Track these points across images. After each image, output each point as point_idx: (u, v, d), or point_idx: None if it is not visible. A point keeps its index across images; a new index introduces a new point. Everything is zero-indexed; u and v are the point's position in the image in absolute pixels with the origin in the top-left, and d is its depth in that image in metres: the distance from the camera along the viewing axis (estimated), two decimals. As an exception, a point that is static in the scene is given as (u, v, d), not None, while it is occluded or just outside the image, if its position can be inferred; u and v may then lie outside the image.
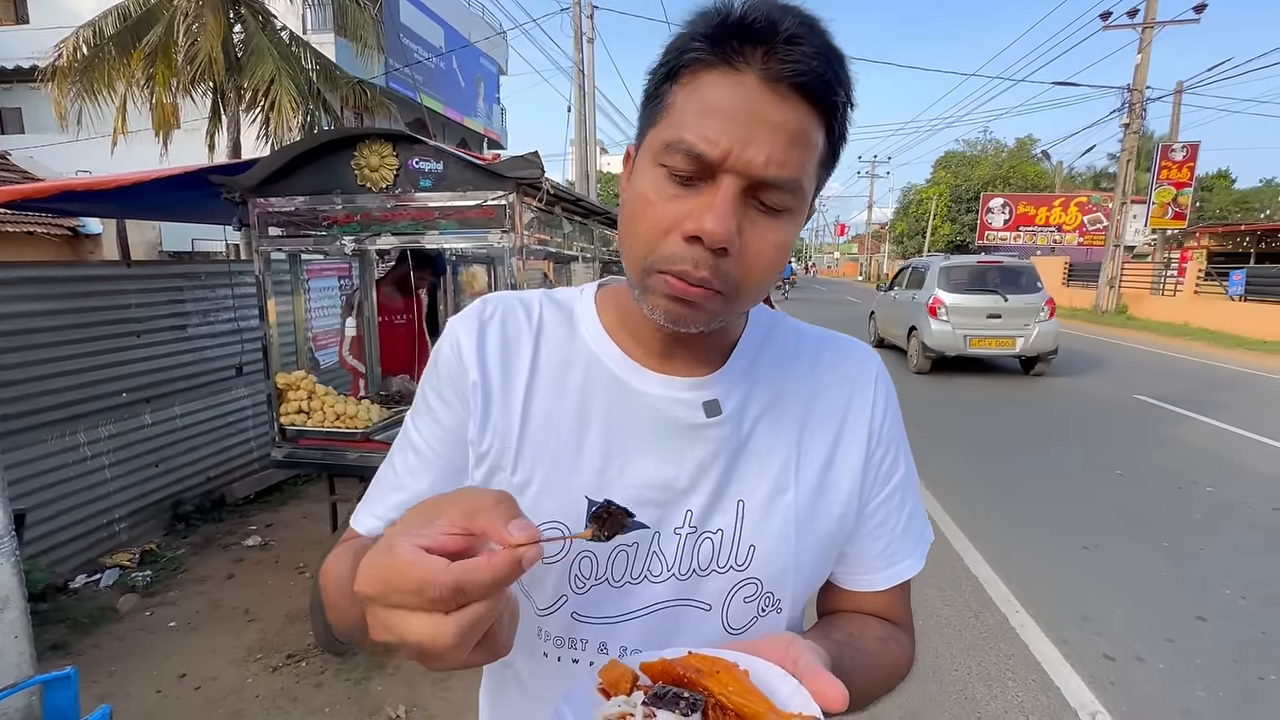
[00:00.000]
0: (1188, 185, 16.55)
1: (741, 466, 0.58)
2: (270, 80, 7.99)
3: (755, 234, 0.48)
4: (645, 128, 0.52)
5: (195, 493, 3.94)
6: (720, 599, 0.58)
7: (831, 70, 0.46)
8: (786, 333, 0.64)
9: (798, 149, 0.47)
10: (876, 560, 0.63)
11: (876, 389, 0.62)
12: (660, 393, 0.57)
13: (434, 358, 0.62)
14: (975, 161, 33.71)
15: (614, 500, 0.51)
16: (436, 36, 16.10)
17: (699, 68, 0.47)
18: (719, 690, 0.42)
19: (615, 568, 0.57)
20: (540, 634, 0.59)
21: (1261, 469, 4.95)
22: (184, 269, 3.86)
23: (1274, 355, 11.07)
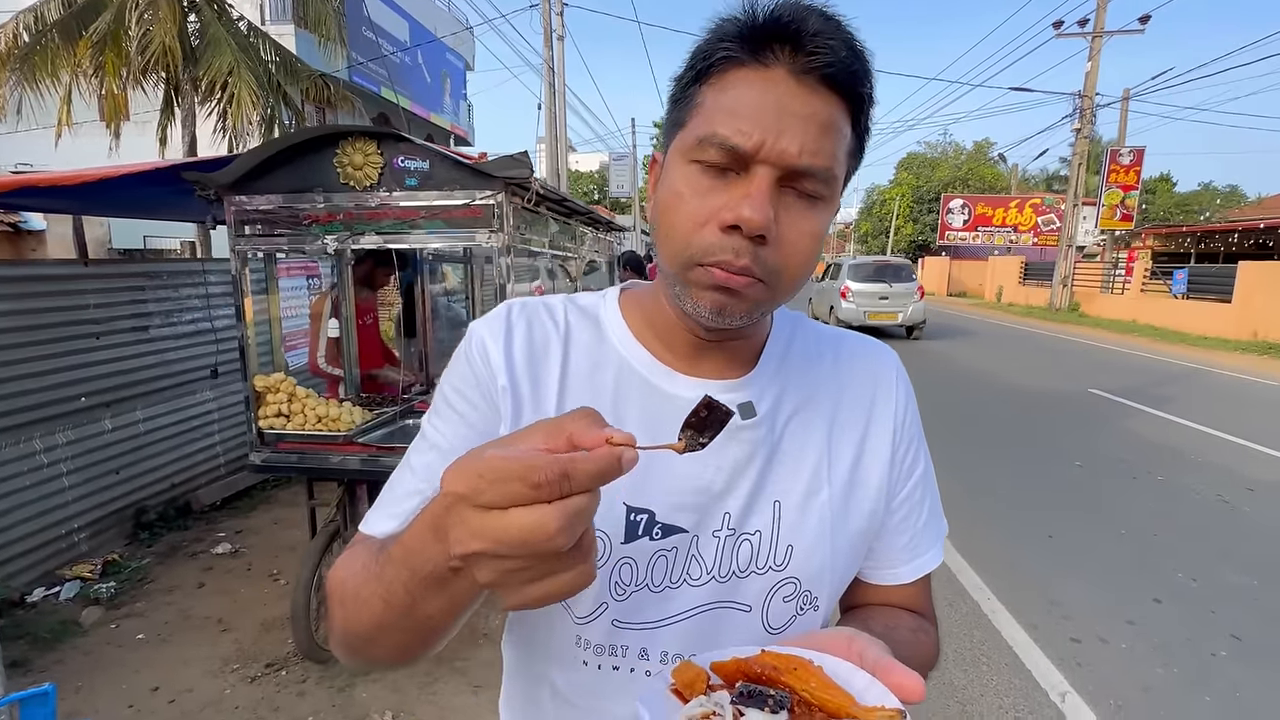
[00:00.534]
0: (1134, 188, 17.33)
1: (776, 468, 0.59)
2: (228, 72, 7.71)
3: (791, 223, 0.49)
4: (673, 130, 0.53)
5: (159, 500, 3.79)
6: (760, 600, 0.58)
7: (858, 63, 0.48)
8: (808, 333, 0.65)
9: (829, 138, 0.48)
10: (901, 554, 0.64)
11: (898, 386, 0.64)
12: (693, 396, 0.57)
13: (458, 359, 0.61)
14: (936, 163, 34.65)
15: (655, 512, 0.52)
16: (401, 30, 15.77)
17: (728, 67, 0.49)
18: (801, 687, 0.42)
19: (655, 573, 0.57)
20: (579, 642, 0.59)
21: (1208, 458, 5.23)
22: (146, 268, 3.72)
23: (1214, 350, 11.69)
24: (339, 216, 2.12)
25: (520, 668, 0.66)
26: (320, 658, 2.50)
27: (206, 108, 8.50)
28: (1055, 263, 18.66)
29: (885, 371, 0.64)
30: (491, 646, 2.67)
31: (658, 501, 0.56)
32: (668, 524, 0.57)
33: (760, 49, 0.48)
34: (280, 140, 2.05)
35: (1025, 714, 2.31)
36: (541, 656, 0.62)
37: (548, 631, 0.60)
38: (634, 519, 0.56)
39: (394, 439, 2.41)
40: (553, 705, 0.62)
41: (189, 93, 8.16)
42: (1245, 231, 18.17)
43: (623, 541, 0.56)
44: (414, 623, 0.43)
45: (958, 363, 9.73)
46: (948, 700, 2.37)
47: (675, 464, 0.56)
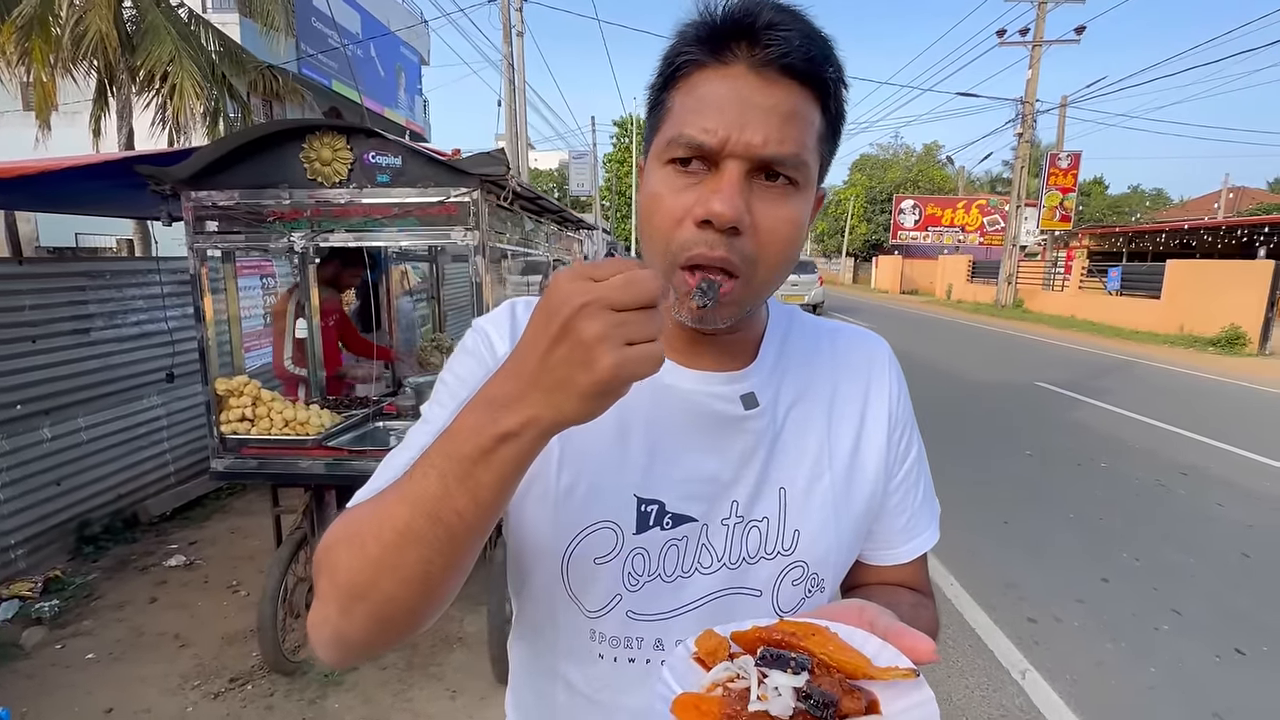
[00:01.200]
0: (1072, 190, 18.23)
1: (780, 456, 0.60)
2: (169, 61, 7.34)
3: (765, 211, 0.50)
4: (650, 136, 0.55)
5: (104, 512, 3.59)
6: (770, 584, 0.60)
7: (817, 50, 0.49)
8: (803, 325, 0.67)
9: (793, 126, 0.49)
10: (900, 535, 0.66)
11: (890, 374, 0.67)
12: (697, 388, 0.59)
13: (463, 352, 0.61)
14: (888, 165, 35.69)
15: (665, 502, 0.55)
16: (353, 23, 15.31)
17: (692, 69, 0.50)
18: (819, 650, 0.43)
19: (667, 562, 0.58)
20: (594, 636, 0.59)
21: (1145, 446, 5.56)
22: (87, 267, 3.51)
23: (1145, 343, 12.42)
24: (305, 213, 2.05)
25: (530, 666, 0.66)
26: (287, 670, 2.42)
27: (144, 99, 8.08)
28: (1000, 261, 19.48)
29: (878, 360, 0.67)
30: (465, 650, 2.63)
31: (667, 492, 0.57)
32: (678, 514, 0.58)
33: (719, 48, 0.49)
34: (242, 134, 1.97)
35: (990, 692, 2.41)
36: (553, 653, 0.62)
37: (560, 627, 0.60)
38: (645, 510, 0.57)
39: (365, 442, 2.35)
40: (568, 701, 0.62)
41: (125, 83, 7.74)
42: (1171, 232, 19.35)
43: (635, 532, 0.57)
44: (441, 526, 0.42)
45: (912, 358, 10.06)
46: (917, 683, 2.46)
47: (683, 456, 0.58)
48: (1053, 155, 18.24)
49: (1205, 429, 6.03)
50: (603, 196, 31.93)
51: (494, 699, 2.36)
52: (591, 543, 0.58)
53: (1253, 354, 11.17)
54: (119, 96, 7.79)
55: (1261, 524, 3.94)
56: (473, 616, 2.76)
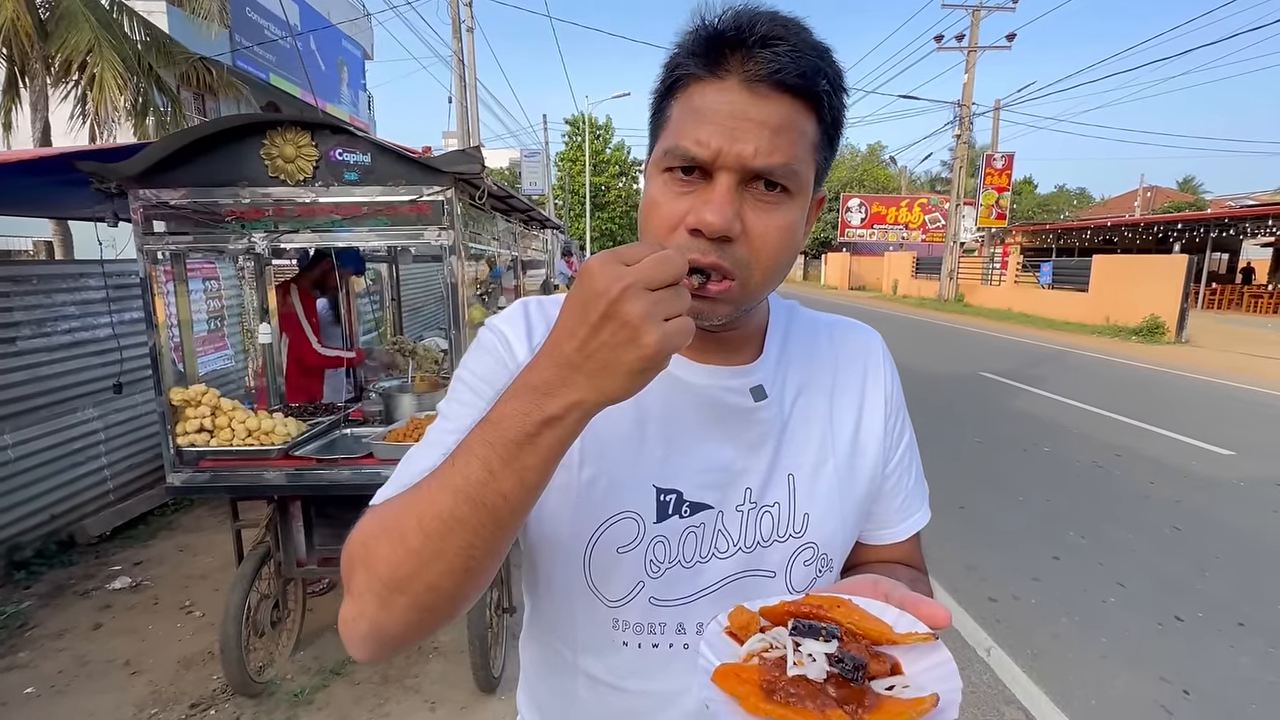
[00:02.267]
0: (1006, 190, 19.15)
1: (787, 443, 0.63)
2: (87, 50, 6.86)
3: (757, 219, 0.52)
4: (652, 142, 0.57)
5: (35, 534, 3.34)
6: (783, 566, 0.62)
7: (809, 63, 0.50)
8: (802, 319, 0.71)
9: (784, 138, 0.51)
10: (897, 514, 0.70)
11: (885, 363, 0.70)
12: (708, 382, 0.61)
13: (480, 350, 0.62)
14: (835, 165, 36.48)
15: (682, 491, 0.58)
16: (291, 14, 14.66)
17: (689, 81, 0.53)
18: (845, 620, 0.47)
19: (686, 549, 0.60)
20: (617, 625, 0.61)
21: (1082, 430, 5.90)
22: (10, 271, 3.25)
23: (1076, 334, 13.18)
24: (266, 212, 1.95)
25: (546, 665, 0.67)
26: (254, 691, 2.31)
27: (60, 90, 7.53)
28: (942, 258, 20.31)
29: (873, 350, 0.70)
30: (443, 660, 2.56)
31: (684, 482, 0.60)
32: (695, 502, 0.60)
33: (715, 62, 0.51)
34: (197, 129, 1.85)
35: (960, 670, 2.51)
36: (572, 649, 0.63)
37: (579, 622, 0.62)
38: (664, 499, 0.60)
39: (333, 450, 2.26)
40: (591, 695, 0.64)
41: (39, 73, 7.19)
42: (1096, 229, 20.59)
43: (655, 521, 0.60)
44: (485, 510, 0.43)
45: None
46: (891, 666, 2.54)
47: (698, 447, 0.61)
48: (988, 156, 19.13)
49: (1134, 413, 6.45)
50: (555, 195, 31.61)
51: (475, 708, 2.31)
52: (615, 533, 0.60)
53: (1171, 342, 12.01)
54: (32, 88, 7.24)
55: (1189, 500, 4.24)
56: (448, 626, 2.69)
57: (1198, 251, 16.26)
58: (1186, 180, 40.79)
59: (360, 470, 2.10)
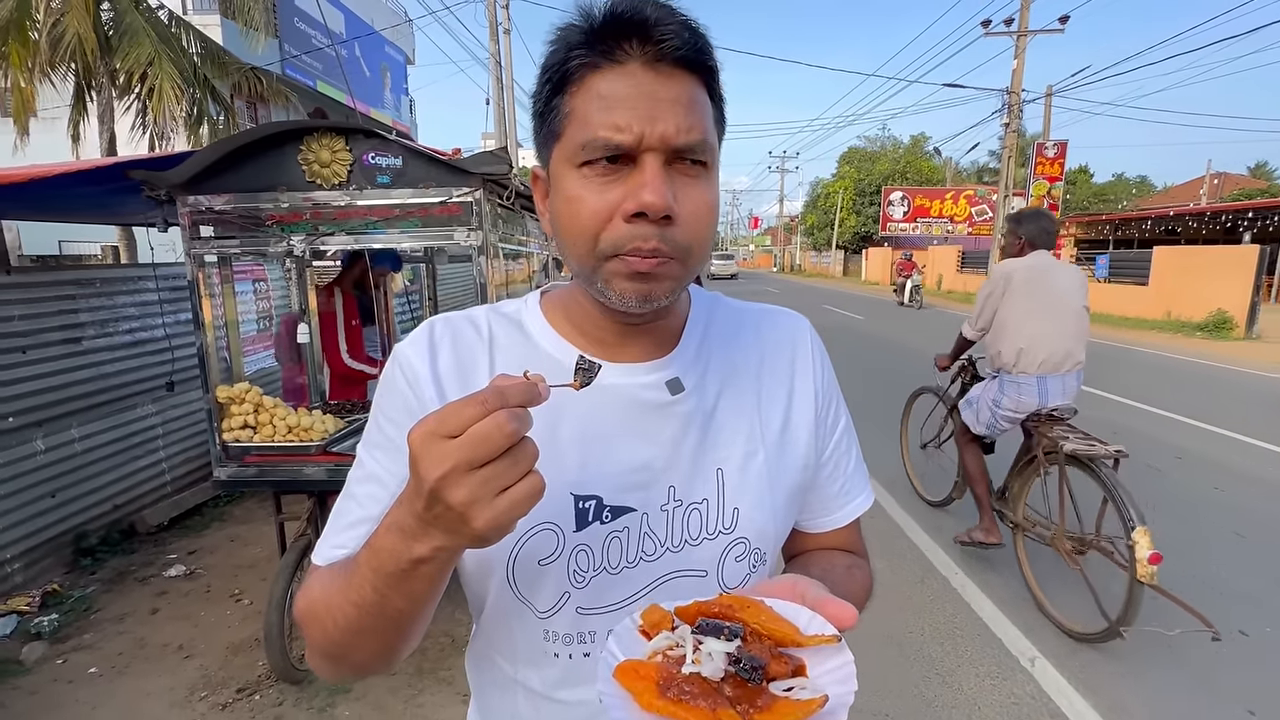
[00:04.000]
0: (1059, 179, 18.36)
1: (713, 436, 0.61)
2: (148, 63, 7.22)
3: (688, 197, 0.52)
4: (549, 143, 0.54)
5: (100, 523, 3.54)
6: (714, 563, 0.61)
7: (700, 39, 0.52)
8: (727, 310, 0.69)
9: (695, 113, 0.51)
10: (835, 501, 0.69)
11: (813, 350, 0.69)
12: (622, 380, 0.59)
13: (385, 384, 0.61)
14: (876, 157, 35.77)
15: (602, 496, 0.57)
16: (337, 22, 15.14)
17: (585, 72, 0.51)
18: (753, 620, 0.47)
19: (611, 555, 0.59)
20: (547, 636, 0.60)
21: (1138, 430, 5.61)
22: (77, 275, 3.45)
23: (1134, 330, 12.55)
24: (305, 216, 2.02)
25: (487, 683, 0.67)
26: (296, 678, 2.40)
27: (124, 102, 7.96)
28: (989, 251, 19.61)
29: (800, 338, 0.69)
30: (476, 654, 2.61)
31: (602, 486, 0.58)
32: (616, 506, 0.59)
33: (610, 49, 0.50)
34: (238, 137, 1.93)
35: (1000, 681, 2.42)
36: (511, 662, 0.63)
37: (515, 634, 0.61)
38: (583, 506, 0.58)
39: (369, 447, 2.33)
40: (529, 708, 0.63)
41: (105, 86, 7.61)
42: (1157, 219, 19.55)
43: (575, 530, 0.58)
44: (386, 619, 0.48)
45: (904, 349, 10.11)
46: (928, 673, 2.47)
47: (614, 449, 0.59)
48: (1039, 145, 18.35)
49: (1197, 413, 6.10)
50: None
51: (506, 702, 2.34)
52: (534, 545, 0.58)
53: (1240, 338, 11.31)
54: (99, 100, 7.66)
55: (1256, 506, 3.99)
56: (481, 619, 2.74)
57: (1271, 241, 15.25)
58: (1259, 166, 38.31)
59: (394, 467, 2.16)
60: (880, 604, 2.94)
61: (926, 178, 33.38)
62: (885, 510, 3.95)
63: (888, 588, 3.10)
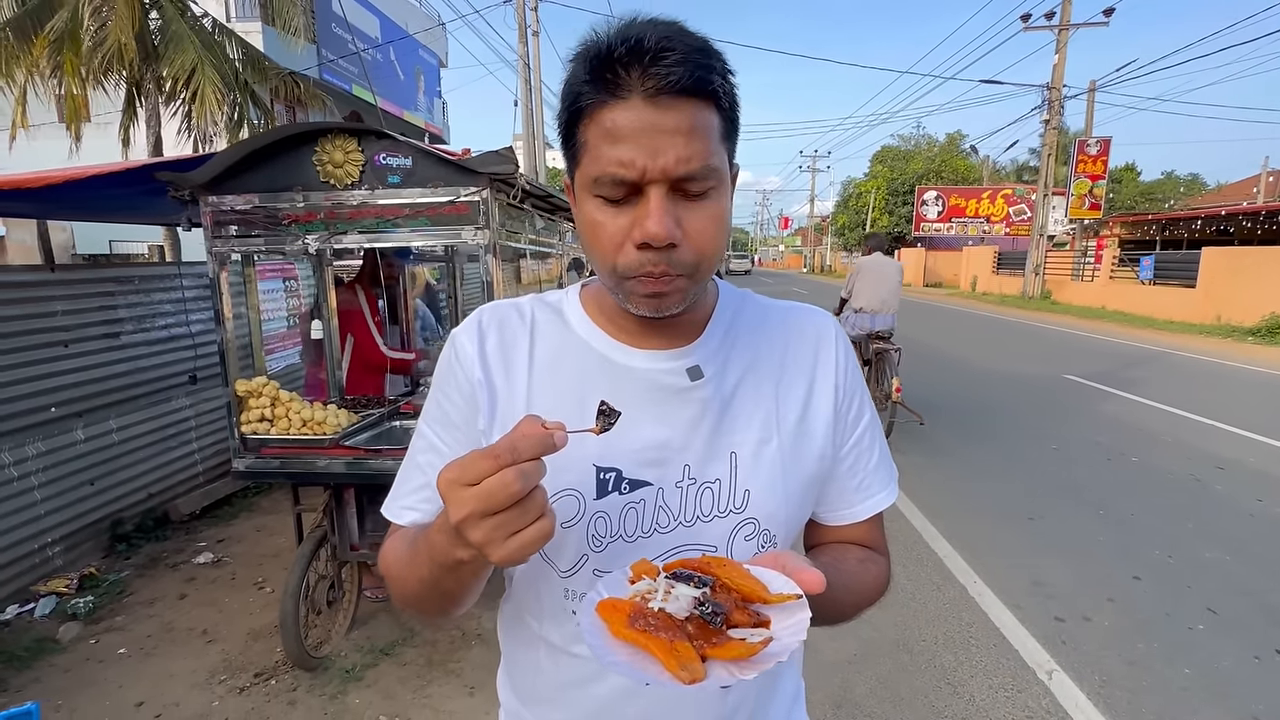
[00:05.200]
0: (1102, 178, 17.72)
1: (729, 422, 0.66)
2: (191, 70, 7.51)
3: (692, 219, 0.55)
4: (572, 165, 0.60)
5: (136, 511, 3.69)
6: (725, 540, 0.65)
7: (701, 65, 0.53)
8: (755, 306, 0.73)
9: (697, 140, 0.54)
10: (854, 495, 0.72)
11: (837, 348, 0.71)
12: (647, 365, 0.65)
13: (442, 365, 0.69)
14: (910, 156, 35.03)
15: (621, 469, 0.64)
16: (372, 27, 15.51)
17: (593, 107, 0.54)
18: (724, 576, 0.52)
19: (627, 524, 0.64)
20: (567, 595, 0.66)
21: (1179, 439, 5.39)
22: (116, 273, 3.60)
23: (1180, 334, 12.04)
24: (319, 216, 2.07)
25: (516, 638, 0.74)
26: (309, 665, 2.46)
27: (171, 107, 8.28)
28: (1027, 252, 19.02)
29: (825, 334, 0.72)
30: (484, 648, 2.65)
31: (623, 460, 0.63)
32: (634, 479, 0.64)
33: (614, 85, 0.53)
34: (257, 139, 2.00)
35: (1015, 693, 2.35)
36: (537, 619, 0.69)
37: (539, 592, 0.68)
38: (604, 477, 0.63)
39: (381, 441, 2.37)
40: (550, 661, 0.69)
41: (152, 92, 7.93)
42: (1207, 218, 18.71)
43: (595, 498, 0.63)
44: (441, 593, 0.58)
45: (934, 350, 9.89)
46: (940, 682, 2.41)
47: (636, 427, 0.64)
48: (1081, 142, 17.75)
49: (1243, 421, 5.83)
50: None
51: (512, 695, 2.37)
52: (557, 509, 0.64)
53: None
54: (146, 106, 7.99)
55: (1303, 520, 3.79)
56: (491, 614, 2.77)
57: (1332, 242, 14.46)
58: (1321, 162, 36.26)
59: (404, 461, 2.20)
60: (894, 610, 2.89)
61: (962, 176, 32.57)
62: (904, 515, 3.87)
63: (903, 593, 3.04)
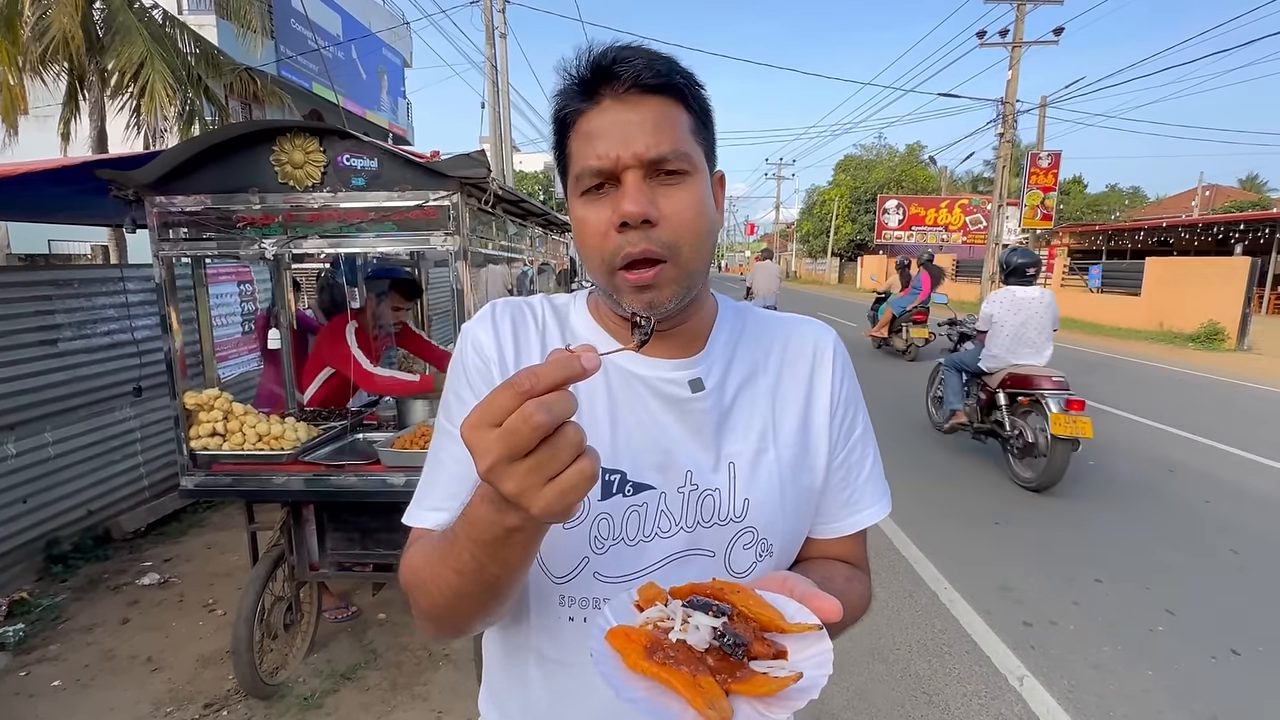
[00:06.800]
0: (1053, 189, 18.43)
1: (728, 432, 0.67)
2: (140, 63, 7.17)
3: (668, 201, 0.58)
4: (564, 179, 0.64)
5: (73, 529, 3.46)
6: (724, 547, 0.66)
7: (661, 65, 0.59)
8: (755, 318, 0.75)
9: (665, 127, 0.58)
10: (842, 509, 0.72)
11: (835, 360, 0.73)
12: (651, 374, 0.66)
13: (457, 358, 0.68)
14: (872, 165, 35.88)
15: (626, 471, 0.63)
16: (334, 24, 15.11)
17: (575, 118, 0.61)
18: (740, 604, 0.50)
19: (629, 527, 0.64)
20: (562, 601, 0.64)
21: (1131, 442, 5.59)
22: (54, 275, 3.38)
23: (1127, 340, 12.57)
24: (277, 219, 1.96)
25: (504, 649, 0.71)
26: (264, 694, 2.33)
27: (117, 101, 7.89)
28: (984, 260, 19.65)
29: (824, 347, 0.73)
30: (452, 668, 2.55)
31: (627, 463, 0.64)
32: (638, 482, 0.64)
33: (589, 95, 0.59)
34: (208, 136, 1.88)
35: (988, 700, 2.37)
36: (526, 629, 0.67)
37: (531, 600, 0.66)
38: (608, 478, 0.64)
39: (344, 455, 2.26)
40: (540, 673, 0.67)
41: (96, 85, 7.54)
42: (1150, 230, 19.66)
43: (599, 499, 0.63)
44: (483, 585, 0.51)
45: (893, 355, 10.08)
46: (915, 691, 2.42)
47: (640, 432, 0.65)
48: (1033, 155, 18.42)
49: (1189, 425, 6.08)
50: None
51: (482, 719, 2.28)
52: None
53: (1231, 349, 11.34)
54: (89, 99, 7.59)
55: (1249, 521, 3.96)
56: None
57: (1262, 253, 15.34)
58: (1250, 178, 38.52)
59: (368, 477, 2.10)
60: (867, 617, 2.87)
61: (921, 186, 33.50)
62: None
63: (877, 601, 3.04)
